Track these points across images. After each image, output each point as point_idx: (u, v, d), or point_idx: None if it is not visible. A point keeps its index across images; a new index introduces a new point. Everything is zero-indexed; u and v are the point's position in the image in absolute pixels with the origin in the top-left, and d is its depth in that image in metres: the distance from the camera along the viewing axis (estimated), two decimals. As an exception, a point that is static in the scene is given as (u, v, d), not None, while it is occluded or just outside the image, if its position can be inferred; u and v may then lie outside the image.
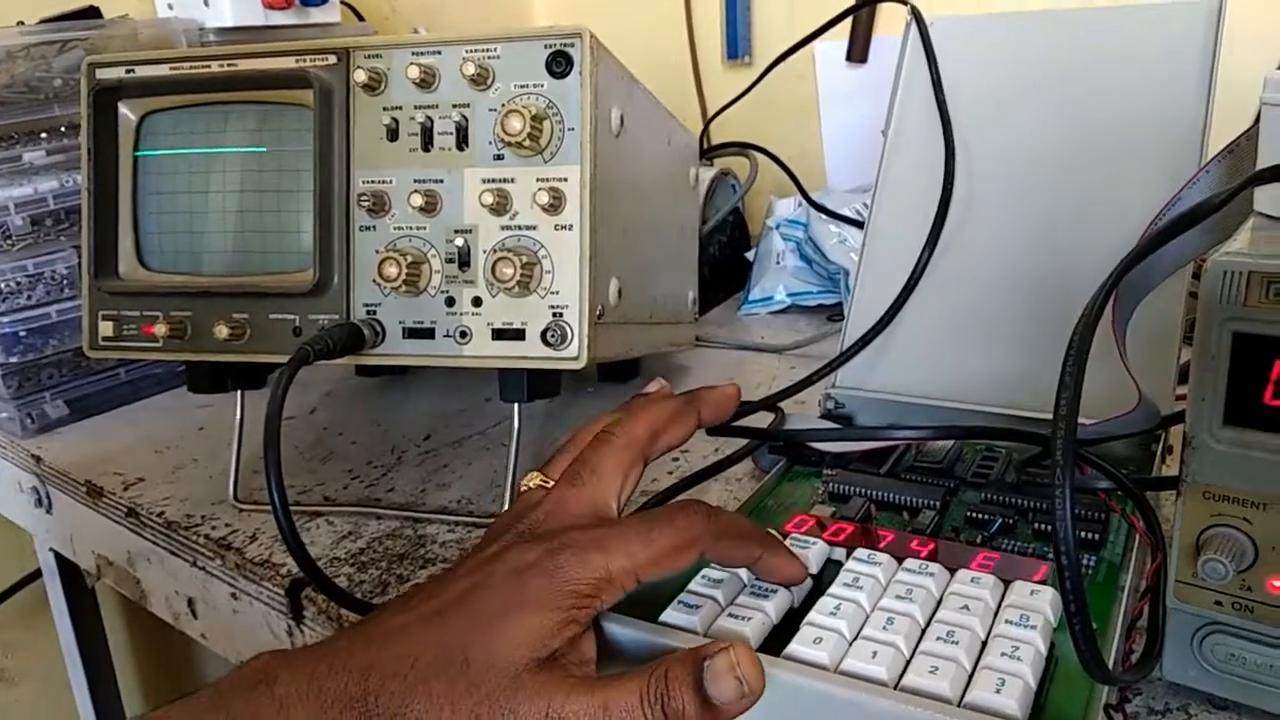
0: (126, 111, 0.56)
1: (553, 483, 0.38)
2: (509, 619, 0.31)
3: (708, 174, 0.93)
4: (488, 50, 0.49)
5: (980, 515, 0.45)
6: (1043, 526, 0.43)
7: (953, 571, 0.38)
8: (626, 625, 0.36)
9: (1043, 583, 0.37)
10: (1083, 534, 0.42)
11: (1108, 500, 0.43)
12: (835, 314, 0.89)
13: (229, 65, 0.53)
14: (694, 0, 1.17)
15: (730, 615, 0.36)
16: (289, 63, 0.52)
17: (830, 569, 0.40)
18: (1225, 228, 0.38)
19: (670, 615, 0.36)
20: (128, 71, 0.55)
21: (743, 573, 0.39)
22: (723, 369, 0.80)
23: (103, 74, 0.56)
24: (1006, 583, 0.38)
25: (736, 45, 1.13)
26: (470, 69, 0.49)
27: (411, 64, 0.50)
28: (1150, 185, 0.51)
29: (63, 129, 0.76)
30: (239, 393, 0.59)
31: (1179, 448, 0.35)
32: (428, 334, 0.51)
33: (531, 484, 0.39)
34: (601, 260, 0.50)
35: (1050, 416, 0.30)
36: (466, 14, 1.22)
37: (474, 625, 0.31)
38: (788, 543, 0.41)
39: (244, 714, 0.30)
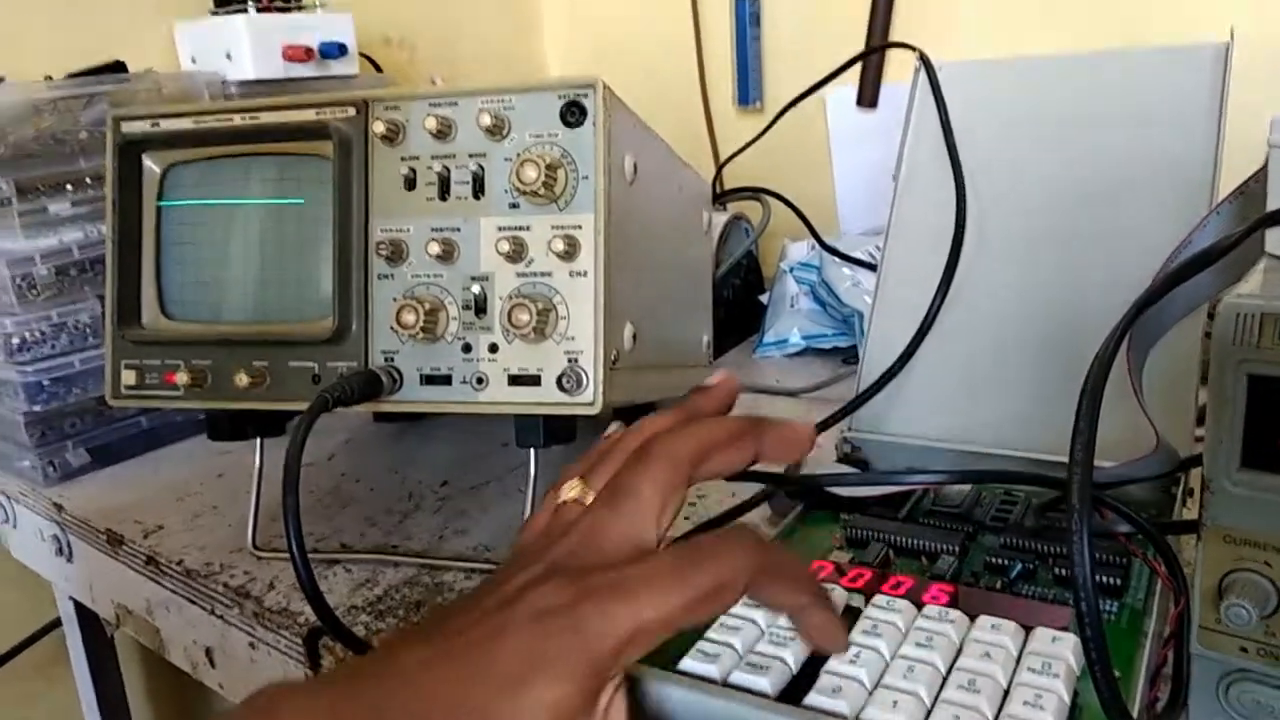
0: (151, 164, 0.57)
1: (591, 496, 0.36)
2: (531, 686, 0.29)
3: (720, 218, 0.93)
4: (503, 101, 0.50)
5: (1000, 560, 0.44)
6: (1063, 571, 0.43)
7: (973, 618, 0.38)
8: (644, 675, 0.35)
9: (1065, 629, 0.37)
10: (1104, 579, 0.42)
11: (1128, 544, 0.42)
12: (850, 357, 0.89)
13: (250, 118, 0.55)
14: (705, 47, 1.19)
15: (748, 664, 0.36)
16: (309, 115, 0.53)
17: (849, 616, 0.40)
18: (1237, 269, 0.38)
19: (688, 664, 0.36)
20: (152, 125, 0.56)
21: (760, 618, 0.38)
22: (738, 412, 0.80)
23: (128, 127, 0.57)
24: (1028, 629, 0.37)
25: (748, 91, 1.15)
26: (486, 120, 0.50)
27: (429, 115, 0.51)
28: (1161, 227, 0.51)
29: (88, 180, 0.78)
30: (258, 440, 0.60)
31: (1199, 490, 0.34)
32: (445, 380, 0.52)
33: (569, 496, 0.36)
34: (616, 306, 0.51)
35: (1066, 459, 0.30)
36: (482, 62, 1.25)
37: (494, 684, 0.29)
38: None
39: None
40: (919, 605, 0.39)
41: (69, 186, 0.77)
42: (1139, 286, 0.38)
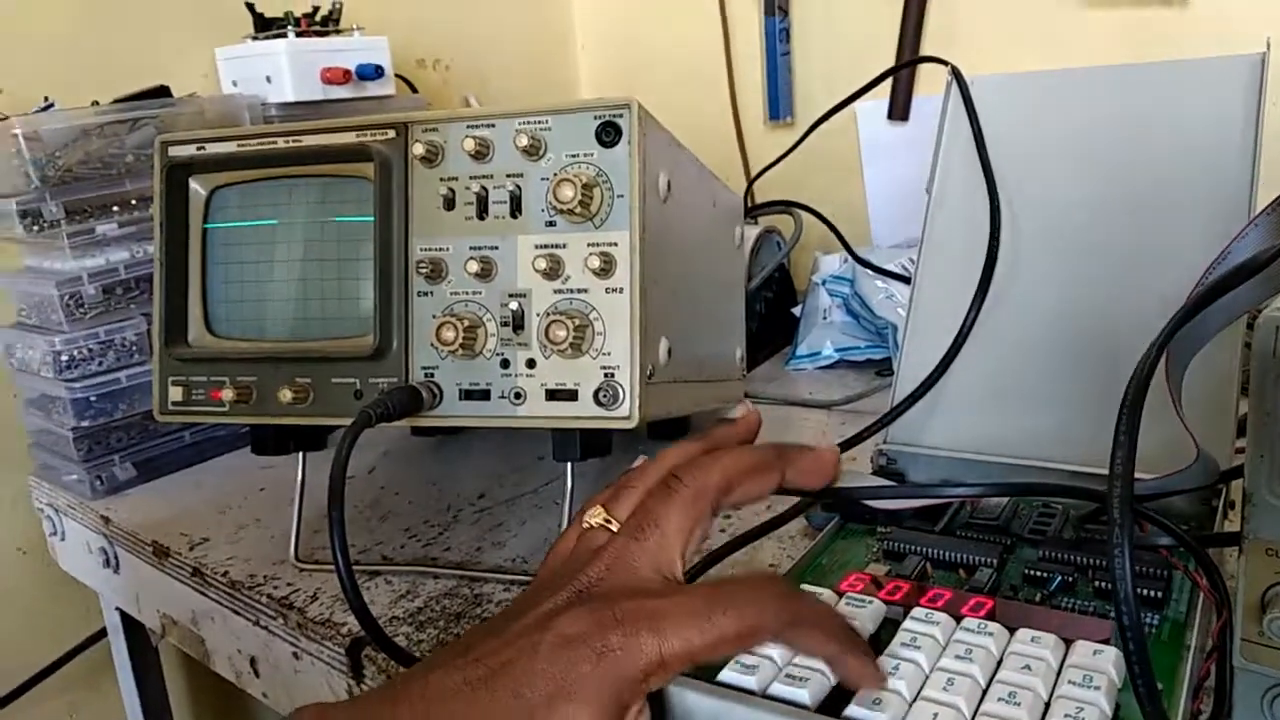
0: (197, 186, 0.59)
1: (616, 524, 0.36)
2: (558, 711, 0.30)
3: (752, 232, 0.94)
4: (540, 122, 0.51)
5: (1039, 573, 0.44)
6: (1103, 584, 0.43)
7: (1012, 631, 0.38)
8: (684, 686, 0.36)
9: (1106, 642, 0.37)
10: (1145, 592, 0.41)
11: (1170, 557, 0.42)
12: (884, 369, 0.89)
13: (293, 141, 0.56)
14: (736, 63, 1.19)
15: (787, 676, 0.36)
16: (350, 137, 0.55)
17: (887, 628, 0.40)
18: (1277, 280, 0.38)
19: (727, 675, 0.36)
20: (198, 149, 0.58)
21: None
22: (771, 424, 0.80)
23: (175, 151, 0.59)
24: (1068, 642, 0.37)
25: (778, 106, 1.15)
26: (523, 140, 0.50)
27: (467, 136, 0.52)
28: (1198, 239, 0.51)
29: (133, 202, 0.80)
30: (301, 454, 0.61)
31: (1240, 503, 0.34)
32: (483, 395, 0.53)
33: (594, 521, 0.37)
34: (651, 321, 0.51)
35: (1105, 471, 0.30)
36: (515, 81, 1.26)
37: (523, 709, 0.30)
38: (842, 603, 0.41)
39: None
40: (958, 618, 0.39)
41: (115, 208, 0.79)
42: (1176, 298, 0.38)
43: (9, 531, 0.90)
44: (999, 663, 0.36)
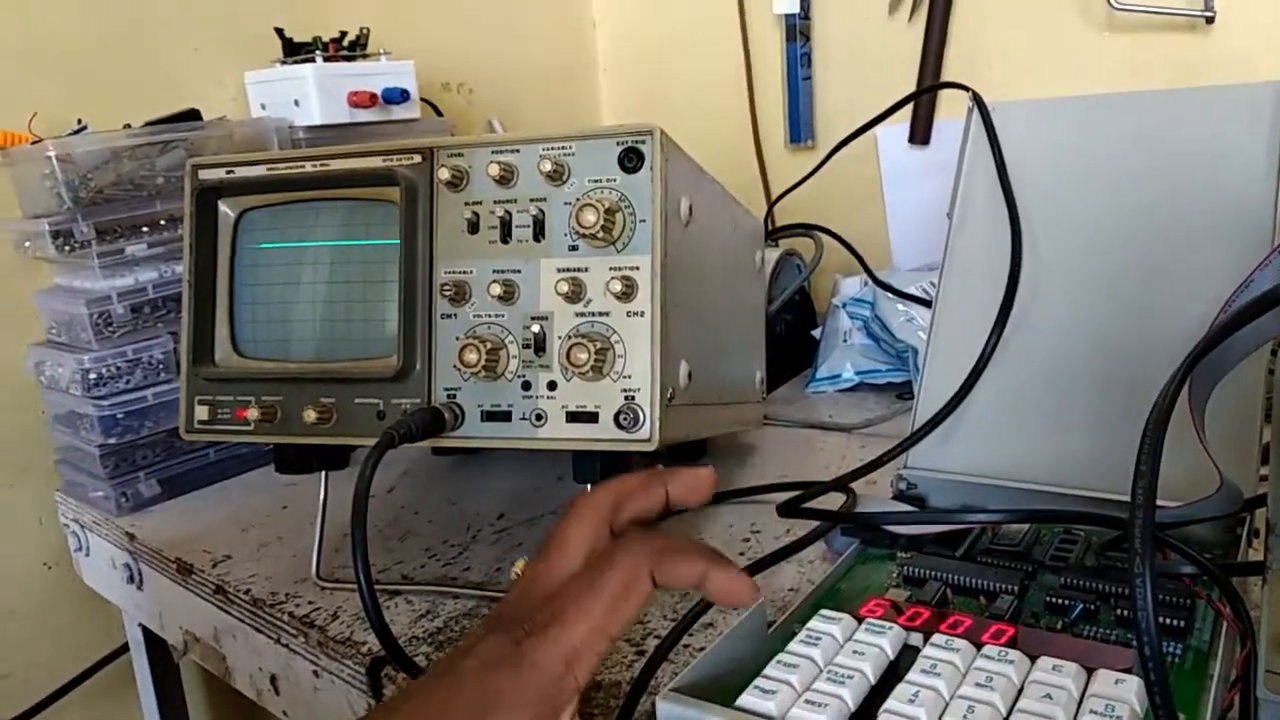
0: (226, 209, 0.60)
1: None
2: None
3: (773, 255, 0.94)
4: (563, 148, 0.52)
5: (1060, 600, 0.44)
6: (1126, 612, 0.43)
7: (1033, 659, 0.38)
8: (703, 710, 0.36)
9: (1128, 671, 0.37)
10: (1167, 620, 0.41)
11: (1193, 586, 0.42)
12: (904, 392, 0.89)
13: (321, 165, 0.57)
14: (757, 86, 1.20)
15: (806, 701, 0.36)
16: (377, 162, 0.56)
17: (907, 655, 0.40)
18: (1301, 310, 0.38)
19: (746, 700, 0.37)
20: (228, 172, 0.59)
21: (818, 656, 0.39)
22: (791, 448, 0.80)
23: (205, 175, 0.60)
24: (1090, 671, 0.37)
25: (799, 129, 1.16)
26: (547, 166, 0.51)
27: (492, 162, 0.53)
28: (1220, 267, 0.51)
29: (162, 222, 0.81)
30: (323, 474, 0.62)
31: (1264, 532, 0.34)
32: (505, 417, 0.53)
33: (517, 570, 0.40)
34: (672, 344, 0.52)
35: (1127, 498, 0.30)
36: (538, 104, 1.27)
37: None
38: (862, 628, 0.41)
39: None
40: (978, 645, 0.39)
41: (145, 228, 0.80)
42: (1199, 324, 0.38)
43: (35, 547, 0.91)
44: (1020, 691, 0.36)
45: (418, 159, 0.55)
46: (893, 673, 0.39)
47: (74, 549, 0.86)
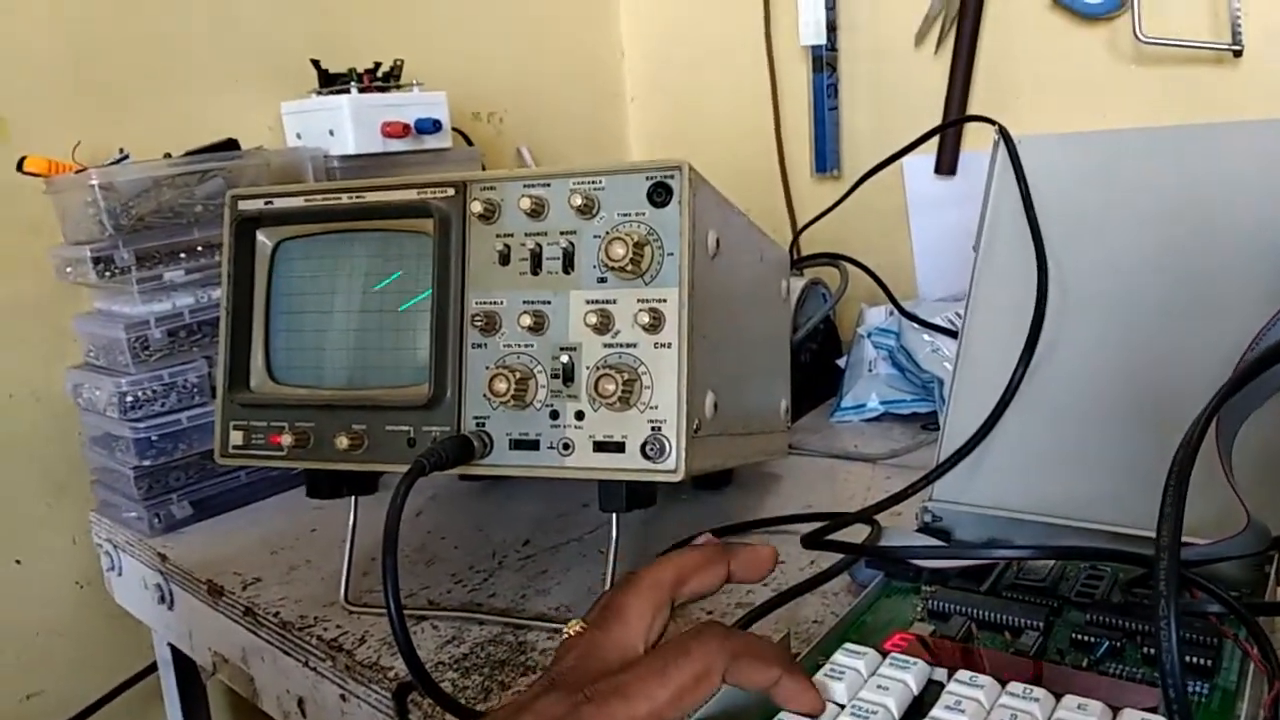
0: (264, 239, 0.61)
1: (584, 625, 0.40)
2: None
3: (798, 284, 0.95)
4: (593, 182, 0.53)
5: (1086, 637, 0.44)
6: (1152, 650, 0.42)
7: (1058, 696, 0.38)
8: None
9: (1153, 711, 0.37)
10: (1194, 659, 0.41)
11: (1219, 625, 0.42)
12: (929, 423, 0.89)
13: (356, 197, 0.58)
14: (783, 116, 1.21)
15: (833, 736, 0.36)
16: (411, 195, 0.57)
17: (931, 690, 0.40)
18: (1328, 350, 0.38)
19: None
20: (266, 203, 0.61)
21: (843, 691, 0.39)
22: (816, 478, 0.80)
23: (244, 205, 0.61)
24: (1115, 710, 0.37)
25: (825, 159, 1.17)
26: (577, 200, 0.52)
27: (523, 195, 0.54)
28: (1248, 303, 0.51)
29: (200, 249, 0.83)
30: (353, 499, 0.62)
31: (1291, 574, 0.34)
32: (533, 445, 0.54)
33: (571, 630, 0.40)
34: (698, 376, 0.52)
35: (1153, 534, 0.30)
36: (567, 132, 1.29)
37: None
38: (887, 662, 0.41)
39: None
40: (1003, 682, 0.39)
41: (183, 254, 0.82)
42: (1227, 359, 0.38)
43: (69, 566, 0.93)
44: (1045, 729, 0.36)
45: (451, 192, 0.56)
46: (917, 709, 0.39)
47: (106, 568, 0.87)
